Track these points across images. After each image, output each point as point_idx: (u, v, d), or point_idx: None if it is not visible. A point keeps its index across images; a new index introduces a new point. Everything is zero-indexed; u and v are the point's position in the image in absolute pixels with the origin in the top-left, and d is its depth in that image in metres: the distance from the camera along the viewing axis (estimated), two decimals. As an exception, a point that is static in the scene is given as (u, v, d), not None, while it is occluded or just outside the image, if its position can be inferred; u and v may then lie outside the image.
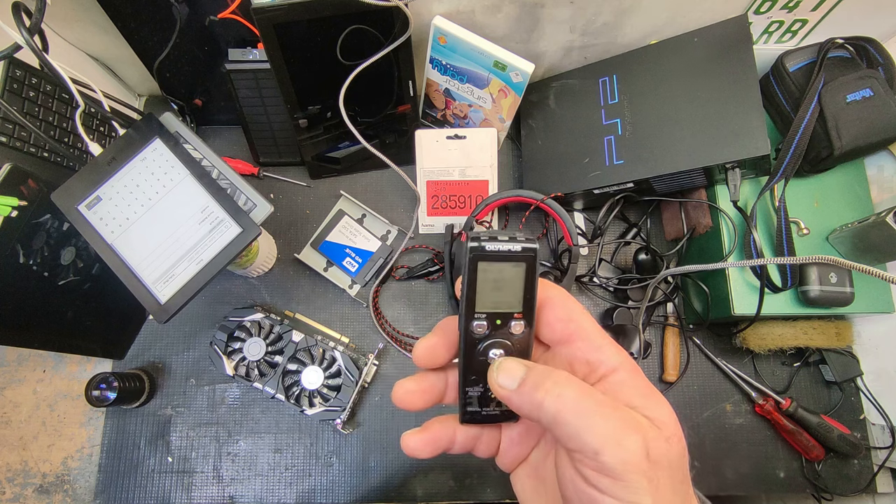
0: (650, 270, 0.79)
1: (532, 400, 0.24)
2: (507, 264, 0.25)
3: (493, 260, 0.25)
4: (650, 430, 0.23)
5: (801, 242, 0.73)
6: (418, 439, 0.28)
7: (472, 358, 0.27)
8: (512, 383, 0.25)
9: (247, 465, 0.75)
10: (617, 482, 0.22)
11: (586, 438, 0.22)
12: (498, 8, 0.67)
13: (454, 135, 0.79)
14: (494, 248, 0.24)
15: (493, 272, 0.25)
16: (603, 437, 0.22)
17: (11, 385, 0.75)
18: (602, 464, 0.22)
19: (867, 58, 0.70)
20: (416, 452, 0.28)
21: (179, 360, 0.77)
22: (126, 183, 0.56)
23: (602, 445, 0.22)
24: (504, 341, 0.26)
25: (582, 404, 0.23)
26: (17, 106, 0.60)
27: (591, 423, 0.22)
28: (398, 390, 0.28)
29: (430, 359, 0.28)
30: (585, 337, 0.26)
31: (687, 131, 0.68)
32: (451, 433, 0.29)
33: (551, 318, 0.27)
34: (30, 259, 0.58)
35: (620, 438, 0.22)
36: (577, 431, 0.23)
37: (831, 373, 0.80)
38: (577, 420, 0.23)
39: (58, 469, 0.74)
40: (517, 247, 0.25)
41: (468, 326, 0.26)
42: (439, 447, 0.28)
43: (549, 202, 0.74)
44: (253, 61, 0.68)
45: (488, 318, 0.26)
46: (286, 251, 0.82)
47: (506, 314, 0.26)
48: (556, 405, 0.23)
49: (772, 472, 0.78)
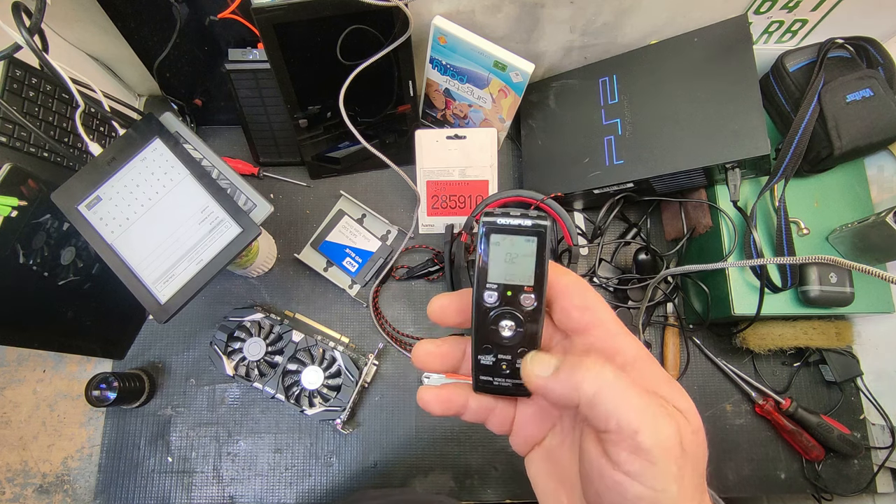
0: (650, 270, 0.79)
1: (570, 382, 0.24)
2: (518, 237, 0.26)
3: (504, 233, 0.26)
4: (682, 419, 0.23)
5: (801, 242, 0.73)
6: (433, 394, 0.29)
7: (483, 327, 0.28)
8: (547, 370, 0.25)
9: (247, 465, 0.75)
10: (650, 466, 0.22)
11: (626, 417, 0.22)
12: (498, 8, 0.67)
13: (454, 135, 0.79)
14: (506, 221, 0.26)
15: (504, 245, 0.27)
16: (642, 417, 0.22)
17: (11, 385, 0.75)
18: (638, 444, 0.22)
19: (867, 58, 0.70)
20: (428, 406, 0.29)
21: (179, 360, 0.77)
22: (126, 183, 0.56)
23: (641, 425, 0.22)
24: (515, 312, 0.27)
25: (621, 383, 0.23)
26: (17, 106, 0.60)
27: (632, 403, 0.23)
28: (419, 350, 0.29)
29: (442, 315, 0.29)
30: (602, 325, 0.26)
31: (687, 131, 0.68)
32: (465, 398, 0.29)
33: (568, 306, 0.27)
34: (30, 259, 0.58)
35: (659, 421, 0.22)
36: (617, 409, 0.23)
37: (831, 373, 0.80)
38: (618, 398, 0.23)
39: (58, 469, 0.74)
40: (528, 222, 0.26)
41: (480, 296, 0.27)
42: (451, 408, 0.29)
43: (549, 202, 0.74)
44: (253, 61, 0.68)
45: (499, 290, 0.27)
46: (286, 251, 0.82)
47: (516, 286, 0.27)
48: (597, 383, 0.23)
49: (772, 472, 0.78)
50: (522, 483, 0.75)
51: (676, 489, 0.22)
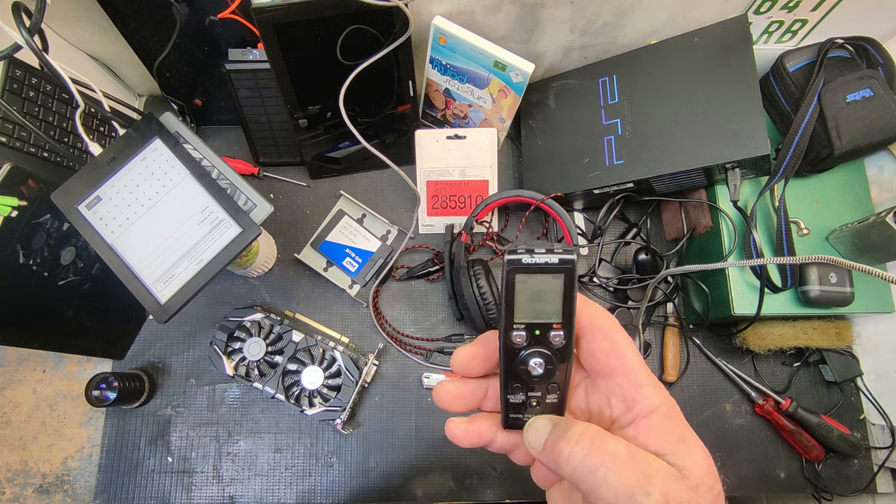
0: (650, 270, 0.79)
1: (552, 458, 0.25)
2: (545, 276, 0.25)
3: (530, 272, 0.25)
4: (671, 480, 0.23)
5: (801, 242, 0.73)
6: (463, 429, 0.29)
7: (512, 366, 0.27)
8: (539, 443, 0.26)
9: (247, 465, 0.75)
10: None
11: (601, 494, 0.23)
12: (498, 8, 0.67)
13: (454, 135, 0.79)
14: (531, 260, 0.25)
15: (531, 284, 0.25)
16: (616, 493, 0.23)
17: (11, 385, 0.75)
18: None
19: (867, 58, 0.70)
20: (457, 440, 0.29)
21: (179, 360, 0.77)
22: (126, 183, 0.56)
23: (615, 500, 0.23)
24: (544, 351, 0.27)
25: (593, 461, 0.23)
26: (17, 106, 0.60)
27: (604, 479, 0.23)
28: (441, 392, 0.29)
29: (468, 368, 0.29)
30: (627, 373, 0.26)
31: (687, 131, 0.68)
32: (494, 433, 0.29)
33: (594, 348, 0.27)
34: (30, 259, 0.58)
35: (633, 492, 0.22)
36: (593, 489, 0.23)
37: (831, 373, 0.80)
38: (591, 478, 0.23)
39: (58, 469, 0.74)
40: (554, 259, 0.25)
41: (507, 337, 0.26)
42: (479, 441, 0.29)
43: (549, 202, 0.74)
44: (253, 61, 0.68)
45: (527, 329, 0.26)
46: (286, 251, 0.82)
47: (545, 325, 0.26)
48: (571, 463, 0.24)
49: (772, 472, 0.78)
50: (521, 483, 0.75)
51: None
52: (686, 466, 0.24)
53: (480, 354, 0.28)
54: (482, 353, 0.28)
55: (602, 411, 0.27)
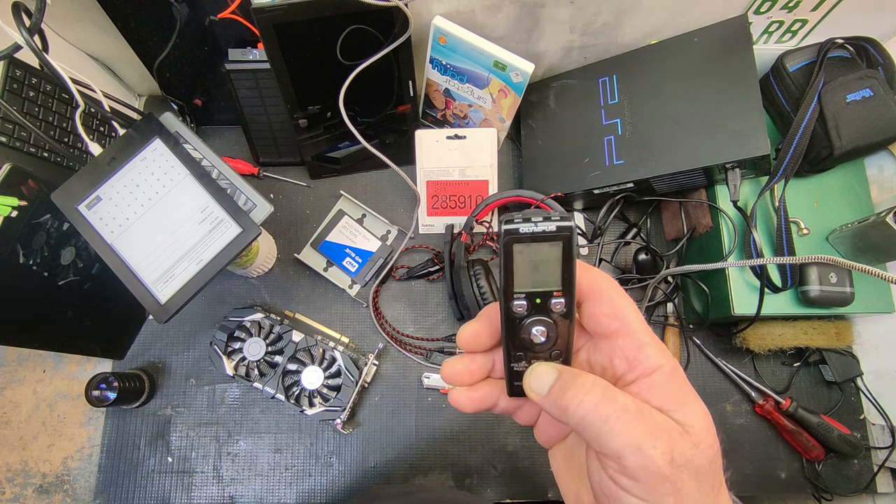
0: (650, 270, 0.79)
1: (559, 405, 0.25)
2: (542, 244, 0.25)
3: (528, 241, 0.25)
4: (675, 435, 0.23)
5: (801, 242, 0.73)
6: (467, 397, 0.29)
7: (515, 336, 0.27)
8: (542, 389, 0.26)
9: (247, 465, 0.75)
10: (638, 484, 0.23)
11: (608, 443, 0.23)
12: (498, 8, 0.67)
13: (454, 135, 0.79)
14: (528, 229, 0.24)
15: (529, 253, 0.25)
16: (623, 443, 0.23)
17: (11, 385, 0.75)
18: (625, 467, 0.23)
19: (867, 58, 0.70)
20: (462, 407, 0.29)
21: (179, 360, 0.77)
22: (126, 183, 0.56)
23: (623, 451, 0.23)
24: (545, 318, 0.27)
25: (604, 410, 0.24)
26: (17, 106, 0.60)
27: (613, 429, 0.23)
28: (449, 371, 0.29)
29: (475, 344, 0.29)
30: (629, 334, 0.26)
31: (687, 131, 0.68)
32: (497, 396, 0.30)
33: (596, 312, 0.27)
34: (30, 259, 0.58)
35: (641, 444, 0.23)
36: (599, 436, 0.23)
37: (831, 373, 0.80)
38: (600, 426, 0.23)
39: (58, 469, 0.74)
40: (552, 226, 0.24)
41: (508, 307, 0.26)
42: (483, 406, 0.30)
43: (549, 202, 0.74)
44: (253, 61, 0.68)
45: (528, 298, 0.26)
46: (286, 251, 0.82)
47: (545, 293, 0.26)
48: (580, 411, 0.24)
49: (772, 472, 0.78)
50: (522, 483, 0.75)
51: (673, 500, 0.23)
52: (688, 423, 0.24)
53: (486, 329, 0.29)
54: (487, 327, 0.29)
55: (605, 371, 0.27)
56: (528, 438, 0.76)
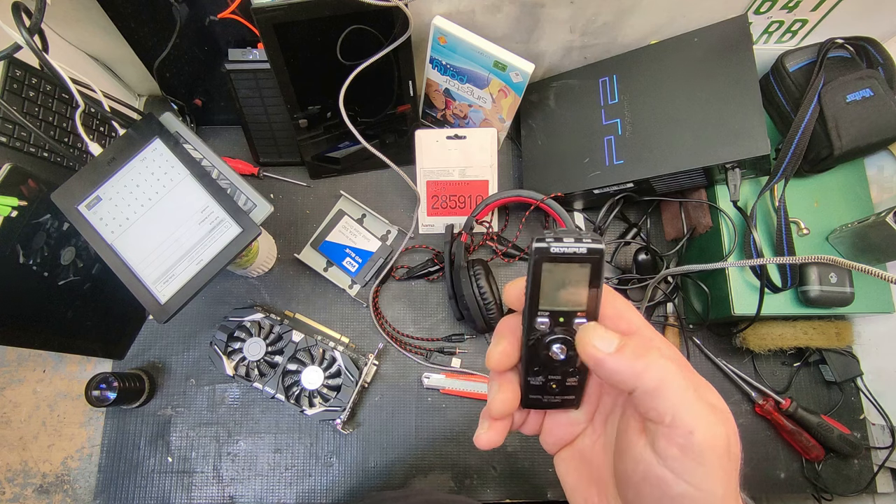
0: (650, 270, 0.79)
1: (632, 366, 0.24)
2: (572, 265, 0.25)
3: (558, 261, 0.25)
4: (731, 424, 0.24)
5: (801, 242, 0.73)
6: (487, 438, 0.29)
7: (535, 351, 0.27)
8: (609, 346, 0.25)
9: (247, 465, 0.75)
10: (697, 466, 0.22)
11: (684, 414, 0.23)
12: (498, 8, 0.67)
13: (454, 135, 0.79)
14: (560, 249, 0.25)
15: (558, 272, 0.25)
16: (698, 418, 0.22)
17: (11, 385, 0.75)
18: (691, 443, 0.22)
19: (867, 58, 0.70)
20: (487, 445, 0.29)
21: (179, 360, 0.77)
22: (126, 183, 0.56)
23: (697, 425, 0.22)
24: (567, 337, 0.27)
25: (683, 381, 0.23)
26: (17, 106, 0.60)
27: (691, 402, 0.23)
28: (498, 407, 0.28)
29: (506, 363, 0.29)
30: (637, 332, 0.26)
31: (687, 131, 0.68)
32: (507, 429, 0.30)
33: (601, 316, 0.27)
34: (30, 259, 0.58)
35: (713, 423, 0.22)
36: (675, 406, 0.23)
37: (831, 373, 0.80)
38: (678, 395, 0.23)
39: (58, 469, 0.74)
40: (583, 248, 0.25)
41: (531, 323, 0.27)
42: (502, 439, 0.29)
43: (549, 202, 0.74)
44: (253, 61, 0.68)
45: (551, 316, 0.26)
46: (286, 251, 0.82)
47: (569, 312, 0.26)
48: (660, 375, 0.23)
49: (772, 472, 0.78)
50: (521, 483, 0.75)
51: (722, 492, 0.22)
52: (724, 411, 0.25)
53: (512, 346, 0.29)
54: (512, 344, 0.29)
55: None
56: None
